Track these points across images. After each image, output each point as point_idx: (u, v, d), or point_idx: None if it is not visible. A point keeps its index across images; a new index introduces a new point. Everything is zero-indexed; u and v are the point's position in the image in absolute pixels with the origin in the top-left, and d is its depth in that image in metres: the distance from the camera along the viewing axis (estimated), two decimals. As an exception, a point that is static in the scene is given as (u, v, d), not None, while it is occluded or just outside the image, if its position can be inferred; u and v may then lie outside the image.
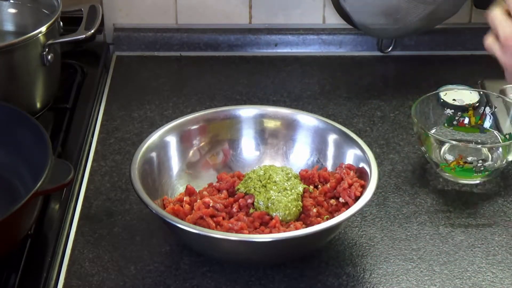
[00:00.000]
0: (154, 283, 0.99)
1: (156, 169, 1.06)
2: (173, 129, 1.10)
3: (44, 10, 1.30)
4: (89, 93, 1.34)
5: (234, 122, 1.13)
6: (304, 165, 1.11)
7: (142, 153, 1.05)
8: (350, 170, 1.05)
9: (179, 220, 0.96)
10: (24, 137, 1.06)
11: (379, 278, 1.00)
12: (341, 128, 1.09)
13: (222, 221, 0.99)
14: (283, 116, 1.13)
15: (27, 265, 0.99)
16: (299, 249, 0.99)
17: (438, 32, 1.46)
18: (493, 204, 1.13)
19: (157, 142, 1.08)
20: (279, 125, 1.13)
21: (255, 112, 1.14)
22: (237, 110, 1.13)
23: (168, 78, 1.42)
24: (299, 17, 1.49)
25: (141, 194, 0.98)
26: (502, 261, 1.03)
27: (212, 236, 0.94)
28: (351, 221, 1.08)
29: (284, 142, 1.13)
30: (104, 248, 1.04)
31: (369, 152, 1.05)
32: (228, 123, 1.13)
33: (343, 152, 1.08)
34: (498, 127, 1.23)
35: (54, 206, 1.08)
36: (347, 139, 1.08)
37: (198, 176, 1.11)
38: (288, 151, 1.13)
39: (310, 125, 1.12)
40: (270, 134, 1.13)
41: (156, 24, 1.50)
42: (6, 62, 1.20)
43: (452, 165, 1.14)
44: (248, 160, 1.13)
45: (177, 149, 1.10)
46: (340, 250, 1.04)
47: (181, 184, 1.08)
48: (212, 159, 1.12)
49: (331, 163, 1.09)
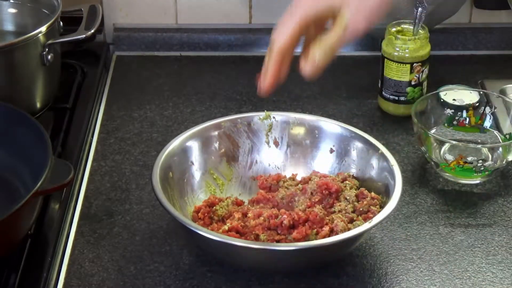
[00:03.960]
0: (154, 283, 0.99)
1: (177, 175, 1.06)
2: (195, 135, 1.09)
3: (44, 10, 1.30)
4: (89, 93, 1.34)
5: (257, 128, 1.12)
6: (328, 172, 1.10)
7: (163, 160, 1.04)
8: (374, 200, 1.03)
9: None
10: (24, 137, 1.06)
11: (379, 278, 1.00)
12: (366, 137, 1.08)
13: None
14: (307, 122, 1.11)
15: (27, 265, 0.99)
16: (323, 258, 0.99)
17: (438, 32, 1.46)
18: (493, 204, 1.13)
19: (178, 148, 1.07)
20: (302, 132, 1.12)
21: (279, 119, 1.12)
22: (260, 115, 1.12)
23: (168, 78, 1.42)
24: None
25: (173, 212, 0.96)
26: (502, 261, 1.03)
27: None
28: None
29: (307, 148, 1.12)
30: (104, 248, 1.04)
31: (394, 161, 1.03)
32: (250, 129, 1.12)
33: (367, 160, 1.07)
34: (498, 127, 1.23)
35: (54, 206, 1.08)
36: (371, 147, 1.07)
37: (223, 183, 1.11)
38: (311, 158, 1.12)
39: (334, 132, 1.10)
40: (293, 140, 1.12)
41: (156, 24, 1.50)
42: (6, 62, 1.20)
43: (452, 165, 1.14)
44: (271, 167, 1.13)
45: (198, 155, 1.09)
46: (340, 250, 1.04)
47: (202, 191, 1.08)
48: (234, 166, 1.12)
49: (354, 171, 1.09)
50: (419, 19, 1.25)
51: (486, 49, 1.51)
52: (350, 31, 0.89)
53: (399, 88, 1.28)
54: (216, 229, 0.99)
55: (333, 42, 0.89)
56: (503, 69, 1.44)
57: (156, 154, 1.07)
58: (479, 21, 1.52)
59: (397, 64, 1.26)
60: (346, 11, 0.88)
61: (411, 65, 1.26)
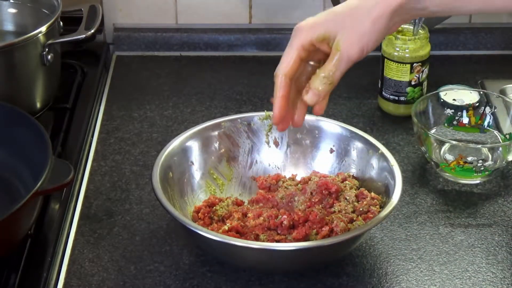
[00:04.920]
0: (154, 283, 0.99)
1: (177, 175, 1.05)
2: (195, 135, 1.09)
3: (44, 10, 1.30)
4: (89, 93, 1.34)
5: (257, 128, 1.12)
6: (328, 172, 1.10)
7: (163, 160, 1.04)
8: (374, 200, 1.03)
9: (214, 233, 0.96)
10: (24, 137, 1.06)
11: (379, 278, 1.00)
12: (365, 137, 1.08)
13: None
14: (307, 122, 1.11)
15: (27, 265, 0.99)
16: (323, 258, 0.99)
17: (438, 32, 1.46)
18: (493, 204, 1.13)
19: (178, 148, 1.07)
20: (302, 132, 1.11)
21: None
22: (260, 116, 1.12)
23: (168, 78, 1.42)
24: (299, 17, 1.48)
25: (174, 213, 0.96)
26: (502, 261, 1.03)
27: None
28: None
29: (307, 148, 1.12)
30: (104, 248, 1.04)
31: (394, 162, 1.03)
32: (249, 129, 1.12)
33: (367, 160, 1.07)
34: (498, 127, 1.23)
35: (54, 206, 1.08)
36: (371, 147, 1.07)
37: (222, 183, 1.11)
38: (311, 158, 1.12)
39: (334, 132, 1.10)
40: (293, 140, 1.12)
41: (156, 24, 1.50)
42: (6, 62, 1.20)
43: (452, 165, 1.14)
44: (271, 167, 1.13)
45: (198, 155, 1.09)
46: (340, 250, 1.04)
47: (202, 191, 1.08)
48: (234, 166, 1.12)
49: (354, 171, 1.09)
50: (419, 19, 1.25)
51: (486, 49, 1.51)
52: (343, 58, 0.91)
53: (399, 88, 1.28)
54: (216, 229, 0.99)
55: (328, 69, 0.92)
56: (503, 69, 1.44)
57: (156, 154, 1.07)
58: (479, 21, 1.52)
59: (397, 64, 1.26)
60: (339, 38, 0.91)
61: (411, 65, 1.26)
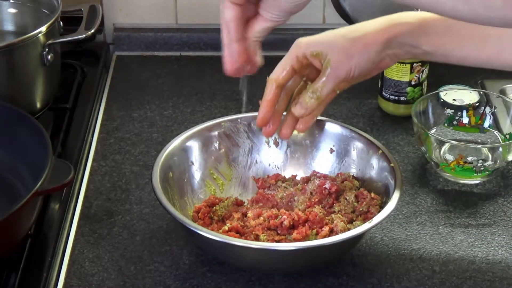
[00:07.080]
0: (154, 283, 0.99)
1: (177, 175, 1.05)
2: (195, 135, 1.09)
3: (44, 10, 1.30)
4: (89, 93, 1.34)
5: (257, 128, 1.11)
6: (328, 172, 1.10)
7: (163, 160, 1.04)
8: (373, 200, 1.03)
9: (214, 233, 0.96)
10: (24, 137, 1.06)
11: (379, 278, 1.00)
12: (366, 137, 1.08)
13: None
14: None
15: (27, 265, 0.99)
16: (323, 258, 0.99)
17: (438, 32, 1.46)
18: (493, 204, 1.13)
19: (178, 148, 1.07)
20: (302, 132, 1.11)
21: None
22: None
23: (168, 78, 1.42)
24: (299, 17, 1.47)
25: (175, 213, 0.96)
26: (502, 261, 1.03)
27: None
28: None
29: (307, 148, 1.11)
30: (104, 248, 1.04)
31: (394, 162, 1.03)
32: (250, 129, 1.12)
33: (367, 160, 1.07)
34: (498, 127, 1.23)
35: (54, 206, 1.08)
36: (371, 147, 1.06)
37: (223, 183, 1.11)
38: (311, 158, 1.11)
39: (334, 132, 1.10)
40: (293, 140, 1.11)
41: (156, 24, 1.50)
42: (6, 62, 1.20)
43: (452, 165, 1.14)
44: (271, 167, 1.13)
45: (198, 155, 1.09)
46: (340, 250, 1.04)
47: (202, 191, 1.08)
48: (234, 166, 1.11)
49: (354, 171, 1.08)
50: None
51: (486, 49, 1.50)
52: (331, 75, 0.96)
53: (399, 88, 1.28)
54: (216, 229, 0.99)
55: (317, 84, 0.97)
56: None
57: (156, 154, 1.07)
58: (479, 21, 1.52)
59: (397, 64, 1.26)
60: (330, 56, 0.96)
61: (411, 65, 1.26)
